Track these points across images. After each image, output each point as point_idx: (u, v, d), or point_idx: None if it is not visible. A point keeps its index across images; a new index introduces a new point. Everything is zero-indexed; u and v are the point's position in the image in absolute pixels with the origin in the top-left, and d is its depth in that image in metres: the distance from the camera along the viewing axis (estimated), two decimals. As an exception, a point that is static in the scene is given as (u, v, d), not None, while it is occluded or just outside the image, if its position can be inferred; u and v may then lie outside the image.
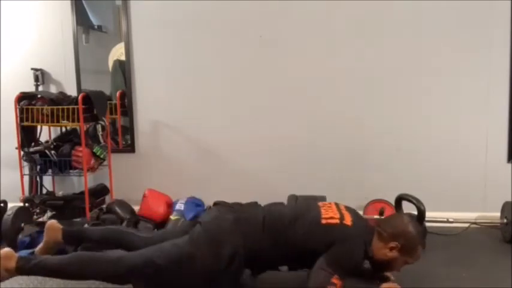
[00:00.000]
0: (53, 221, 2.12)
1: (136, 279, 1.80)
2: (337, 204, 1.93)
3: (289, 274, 1.83)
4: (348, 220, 1.80)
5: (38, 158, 2.88)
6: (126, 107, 3.21)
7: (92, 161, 2.89)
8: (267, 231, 1.82)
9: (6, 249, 1.81)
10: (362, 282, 1.96)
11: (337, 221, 1.79)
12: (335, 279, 1.68)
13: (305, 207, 1.96)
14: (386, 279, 1.95)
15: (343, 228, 1.78)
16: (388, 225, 1.84)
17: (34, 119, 2.80)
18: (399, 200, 2.62)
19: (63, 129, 3.04)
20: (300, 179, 3.04)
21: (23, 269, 1.78)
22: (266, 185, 3.08)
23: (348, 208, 1.93)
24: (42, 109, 2.78)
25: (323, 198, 2.76)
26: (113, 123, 3.27)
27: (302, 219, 1.83)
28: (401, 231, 1.80)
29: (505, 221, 2.59)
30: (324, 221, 1.79)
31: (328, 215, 1.82)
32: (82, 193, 2.94)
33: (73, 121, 2.76)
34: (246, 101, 3.09)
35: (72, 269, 1.84)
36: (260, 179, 3.11)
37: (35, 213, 2.89)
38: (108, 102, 3.06)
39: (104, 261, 1.84)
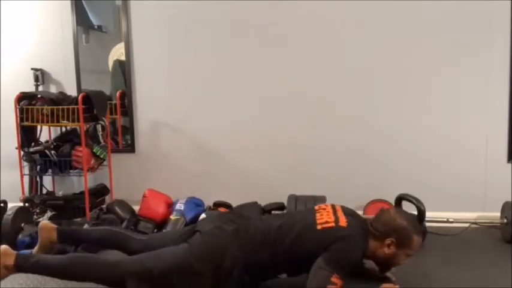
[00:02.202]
0: (46, 222, 2.13)
1: (132, 285, 1.78)
2: (333, 206, 1.94)
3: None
4: (343, 222, 1.80)
5: (38, 158, 2.88)
6: (126, 107, 3.21)
7: (92, 161, 2.89)
8: (264, 242, 1.82)
9: (4, 246, 1.82)
10: (361, 282, 1.97)
11: (333, 224, 1.79)
12: (335, 278, 1.68)
13: (301, 214, 1.96)
14: (386, 280, 1.95)
15: (338, 230, 1.78)
16: (379, 223, 1.86)
17: (34, 119, 2.80)
18: (399, 200, 2.62)
19: (63, 129, 3.04)
20: (300, 179, 3.04)
21: (22, 267, 1.79)
22: (266, 185, 3.08)
23: (344, 209, 1.93)
24: (42, 109, 2.78)
25: (323, 198, 2.76)
26: (113, 123, 3.27)
27: (297, 227, 1.83)
28: (392, 226, 1.82)
29: (505, 221, 2.59)
30: (319, 227, 1.80)
31: (323, 219, 1.82)
32: (82, 193, 2.94)
33: (73, 121, 2.76)
34: (246, 101, 3.09)
35: (70, 270, 1.84)
36: (260, 179, 3.11)
37: (35, 213, 2.89)
38: (108, 102, 3.06)
39: (101, 265, 1.84)
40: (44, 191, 3.13)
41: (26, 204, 2.87)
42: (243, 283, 1.84)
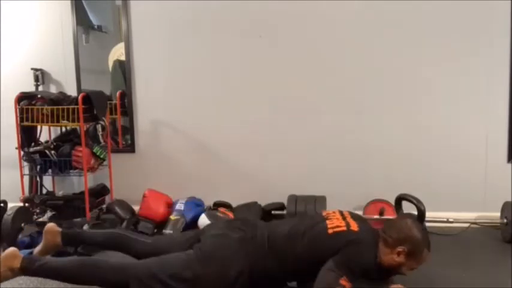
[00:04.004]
0: (52, 225, 2.11)
1: None
2: (341, 212, 1.93)
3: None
4: (355, 226, 1.80)
5: (38, 158, 2.88)
6: (126, 107, 3.21)
7: (92, 161, 2.89)
8: (272, 249, 1.81)
9: (12, 249, 1.82)
10: (366, 283, 1.97)
11: (344, 228, 1.79)
12: (343, 281, 1.66)
13: (310, 220, 1.93)
14: (390, 280, 1.95)
15: (350, 234, 1.77)
16: (393, 230, 1.82)
17: (34, 119, 2.79)
18: (399, 200, 2.62)
19: (63, 129, 3.04)
20: (300, 179, 3.04)
21: (27, 269, 1.79)
22: (266, 185, 3.08)
23: (352, 214, 1.92)
24: (42, 109, 2.77)
25: (323, 198, 2.76)
26: (113, 123, 3.27)
27: (308, 234, 1.82)
28: (407, 235, 1.78)
29: (505, 221, 2.59)
30: (330, 231, 1.79)
31: (334, 224, 1.81)
32: (82, 193, 2.94)
33: (73, 121, 2.76)
34: (246, 101, 3.09)
35: (75, 274, 1.85)
36: (260, 179, 3.11)
37: (35, 213, 2.89)
38: (108, 102, 3.06)
39: (106, 269, 1.84)
40: (44, 191, 3.12)
41: (26, 204, 2.87)
42: None
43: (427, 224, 2.54)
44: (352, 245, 1.74)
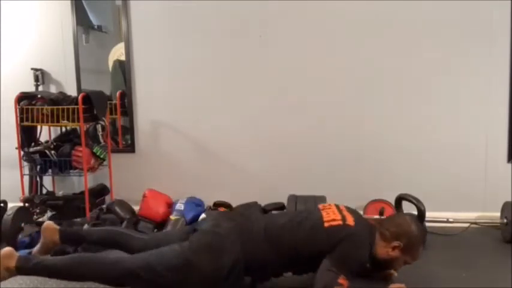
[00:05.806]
0: (50, 222, 2.12)
1: (134, 283, 1.79)
2: (337, 206, 1.94)
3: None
4: (350, 220, 1.80)
5: (38, 158, 2.88)
6: (126, 107, 3.21)
7: (92, 161, 2.89)
8: (268, 240, 1.81)
9: (7, 249, 1.81)
10: (366, 283, 1.97)
11: (340, 222, 1.79)
12: (341, 280, 1.67)
13: (306, 212, 1.95)
14: (389, 278, 1.96)
15: (346, 229, 1.77)
16: (392, 225, 1.85)
17: (34, 119, 2.79)
18: (399, 200, 2.62)
19: (63, 129, 3.04)
20: (300, 179, 3.04)
21: (23, 268, 1.78)
22: (266, 185, 3.08)
23: (348, 209, 1.93)
24: (42, 109, 2.78)
25: (323, 198, 2.76)
26: (113, 123, 3.27)
27: (304, 224, 1.83)
28: (405, 230, 1.81)
29: (505, 221, 2.59)
30: (326, 224, 1.79)
31: (330, 217, 1.82)
32: (82, 193, 2.94)
33: (73, 121, 2.76)
34: (246, 101, 3.09)
35: (72, 270, 1.84)
36: (260, 179, 3.11)
37: (35, 213, 2.89)
38: (108, 102, 3.06)
39: (102, 264, 1.84)
40: (44, 191, 3.13)
41: (26, 204, 2.87)
42: (243, 283, 1.83)
43: (427, 224, 2.54)
44: (348, 240, 1.74)
